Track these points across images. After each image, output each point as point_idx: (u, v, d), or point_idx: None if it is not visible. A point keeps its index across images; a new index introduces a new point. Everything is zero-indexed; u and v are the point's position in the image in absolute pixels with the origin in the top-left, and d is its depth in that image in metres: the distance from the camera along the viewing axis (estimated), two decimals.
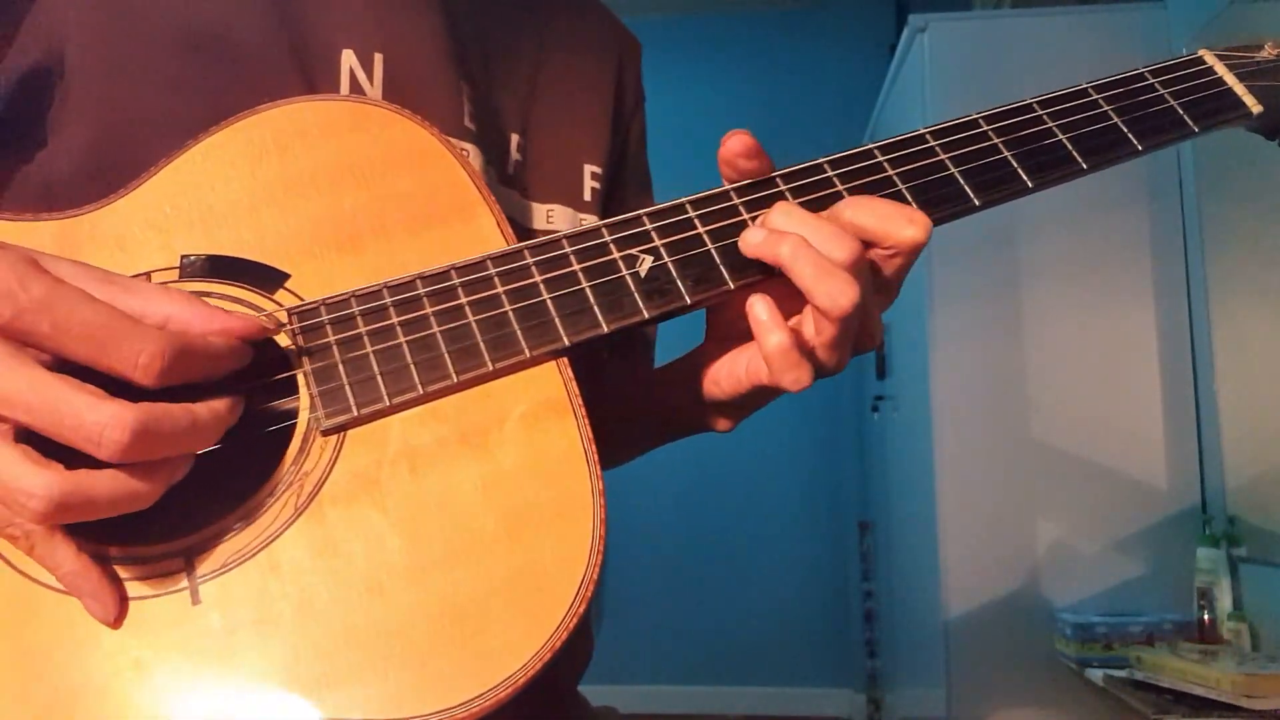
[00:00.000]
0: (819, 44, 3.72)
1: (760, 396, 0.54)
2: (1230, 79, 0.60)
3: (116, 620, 0.40)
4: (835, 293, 0.46)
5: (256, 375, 0.45)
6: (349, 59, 0.57)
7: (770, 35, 3.75)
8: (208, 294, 0.47)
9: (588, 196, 0.69)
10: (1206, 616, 1.77)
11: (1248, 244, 1.82)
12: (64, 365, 0.37)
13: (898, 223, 0.50)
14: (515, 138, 0.66)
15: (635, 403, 0.67)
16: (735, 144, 0.52)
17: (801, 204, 0.52)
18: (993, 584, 1.97)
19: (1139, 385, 1.98)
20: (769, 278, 0.50)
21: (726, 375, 0.54)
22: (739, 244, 0.50)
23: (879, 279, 0.51)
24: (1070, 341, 2.01)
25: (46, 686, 0.39)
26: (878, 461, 3.06)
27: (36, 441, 0.37)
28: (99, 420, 0.36)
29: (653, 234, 0.51)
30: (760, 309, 0.48)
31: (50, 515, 0.36)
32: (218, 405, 0.41)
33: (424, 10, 0.60)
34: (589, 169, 0.69)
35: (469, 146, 0.60)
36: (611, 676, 3.47)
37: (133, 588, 0.41)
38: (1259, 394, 1.79)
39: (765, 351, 0.49)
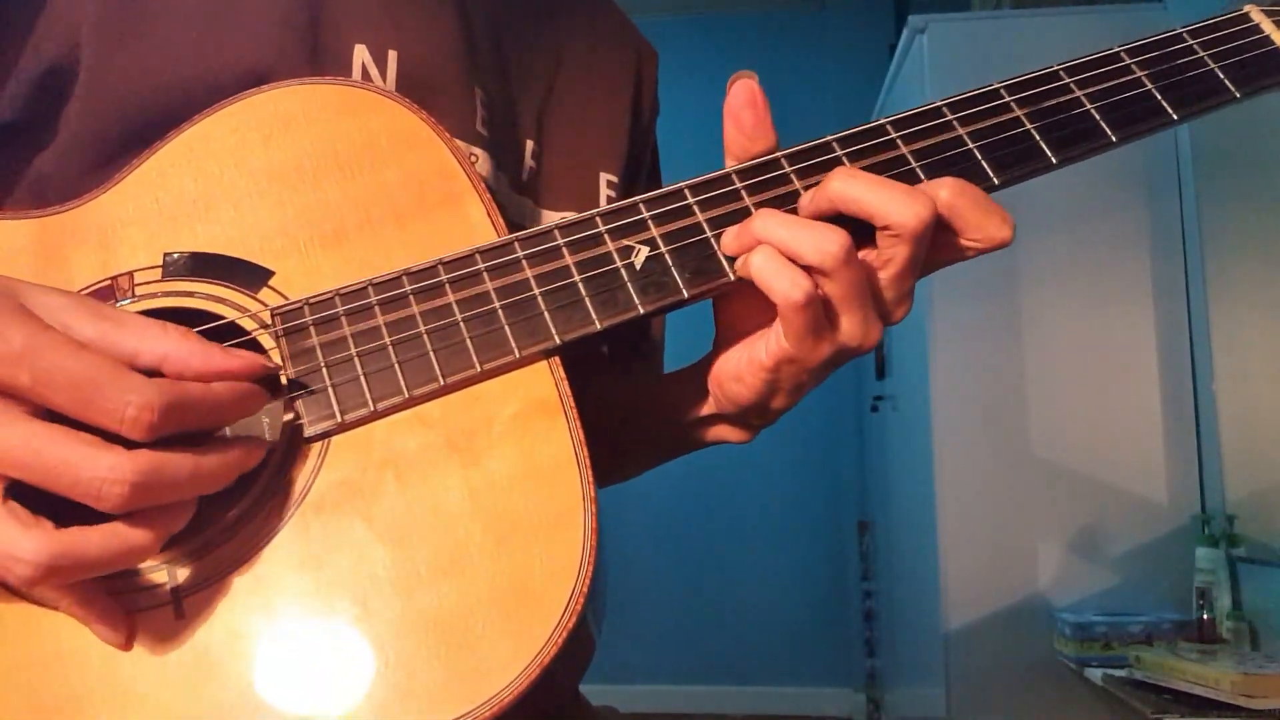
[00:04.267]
0: (819, 44, 3.71)
1: (781, 393, 0.51)
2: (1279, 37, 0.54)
3: (127, 643, 0.39)
4: (822, 243, 0.44)
5: None
6: (361, 54, 0.55)
7: (770, 35, 3.74)
8: (191, 293, 0.46)
9: (603, 205, 0.66)
10: (1205, 616, 1.76)
11: (1247, 245, 1.81)
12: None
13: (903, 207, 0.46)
14: (530, 144, 0.64)
15: (643, 411, 0.63)
16: (740, 93, 0.48)
17: (808, 186, 0.48)
18: (992, 583, 1.96)
19: (1138, 385, 1.97)
20: None
21: (748, 365, 0.50)
22: (719, 246, 0.47)
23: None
24: (1069, 341, 2.00)
25: (30, 702, 0.38)
26: (877, 461, 3.05)
27: (29, 489, 0.35)
28: (96, 475, 0.34)
29: (649, 223, 0.48)
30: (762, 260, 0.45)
31: (39, 580, 0.35)
32: (229, 454, 0.39)
33: (441, 12, 0.59)
34: (605, 177, 0.67)
35: (479, 152, 0.59)
36: (611, 676, 3.46)
37: (117, 601, 0.40)
38: (1258, 394, 1.78)
39: (785, 310, 0.45)
